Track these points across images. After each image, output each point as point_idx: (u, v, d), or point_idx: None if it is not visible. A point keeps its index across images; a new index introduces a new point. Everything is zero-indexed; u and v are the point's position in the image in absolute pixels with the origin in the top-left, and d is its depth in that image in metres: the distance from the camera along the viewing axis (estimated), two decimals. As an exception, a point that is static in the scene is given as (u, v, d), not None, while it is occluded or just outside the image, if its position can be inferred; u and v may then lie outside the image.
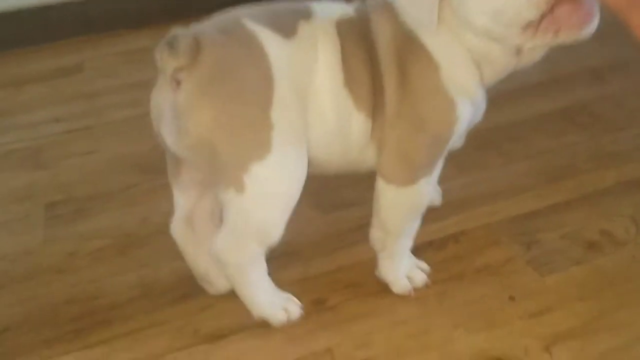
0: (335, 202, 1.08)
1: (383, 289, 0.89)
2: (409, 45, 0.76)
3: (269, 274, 0.85)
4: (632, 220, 0.98)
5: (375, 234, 0.86)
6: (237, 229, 0.78)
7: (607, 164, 1.11)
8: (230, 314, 0.87)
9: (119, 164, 1.26)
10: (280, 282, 0.87)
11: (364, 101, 0.78)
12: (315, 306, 0.87)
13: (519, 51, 0.74)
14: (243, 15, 0.76)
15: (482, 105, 0.81)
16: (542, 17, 0.68)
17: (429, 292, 0.88)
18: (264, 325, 0.84)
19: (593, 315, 0.82)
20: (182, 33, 0.72)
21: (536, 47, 0.72)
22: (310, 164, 0.78)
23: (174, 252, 0.99)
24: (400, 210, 0.83)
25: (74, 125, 1.43)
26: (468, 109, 0.77)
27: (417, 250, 0.91)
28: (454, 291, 0.88)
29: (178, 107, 0.73)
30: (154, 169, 1.22)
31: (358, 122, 0.79)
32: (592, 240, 0.95)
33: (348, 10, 0.81)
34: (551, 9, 0.68)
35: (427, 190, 0.82)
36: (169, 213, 1.08)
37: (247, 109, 0.72)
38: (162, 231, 1.04)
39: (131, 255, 1.00)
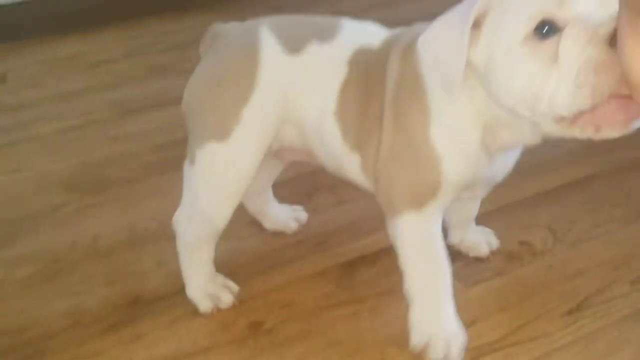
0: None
1: (318, 306, 0.90)
2: (412, 89, 0.75)
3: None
4: (549, 230, 1.04)
5: None
6: (188, 204, 0.87)
7: (525, 175, 1.15)
8: (165, 343, 0.86)
9: (45, 182, 1.23)
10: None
11: (350, 134, 0.80)
12: (252, 330, 0.88)
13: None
14: (270, 22, 0.83)
15: (498, 165, 0.79)
16: (580, 114, 0.60)
17: (362, 309, 0.90)
18: (199, 353, 0.85)
19: (514, 326, 0.87)
20: (214, 26, 0.86)
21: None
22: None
23: (104, 277, 0.98)
24: (398, 244, 0.82)
25: (-3, 140, 1.39)
26: (460, 165, 0.75)
27: (350, 266, 0.93)
28: (386, 307, 0.91)
29: None
30: (81, 188, 1.20)
31: (343, 152, 0.82)
32: (512, 250, 1.00)
33: (376, 39, 0.80)
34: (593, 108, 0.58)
35: (412, 229, 0.80)
36: (97, 235, 1.07)
37: (224, 96, 0.81)
38: (91, 255, 1.03)
39: (60, 281, 0.98)
